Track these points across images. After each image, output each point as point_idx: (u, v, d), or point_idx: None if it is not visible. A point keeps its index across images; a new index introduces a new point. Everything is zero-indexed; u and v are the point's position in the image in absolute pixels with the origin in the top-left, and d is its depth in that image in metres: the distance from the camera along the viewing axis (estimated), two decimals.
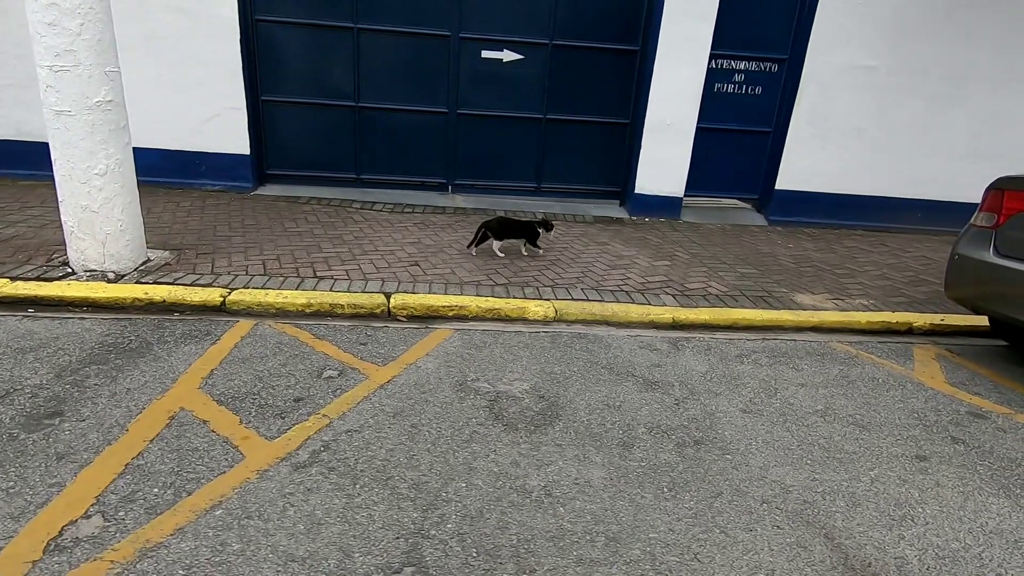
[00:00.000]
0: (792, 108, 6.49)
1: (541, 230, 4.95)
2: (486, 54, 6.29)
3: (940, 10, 6.28)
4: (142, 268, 3.93)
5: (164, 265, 4.03)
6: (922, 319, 4.29)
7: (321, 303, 3.68)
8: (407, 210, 6.10)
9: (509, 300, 3.95)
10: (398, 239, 5.09)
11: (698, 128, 6.45)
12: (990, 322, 4.05)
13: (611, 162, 6.83)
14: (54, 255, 3.99)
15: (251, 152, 6.16)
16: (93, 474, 2.15)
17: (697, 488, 2.37)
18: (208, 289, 3.69)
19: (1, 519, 1.92)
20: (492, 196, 6.71)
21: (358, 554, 1.90)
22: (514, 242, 4.93)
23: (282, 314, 3.63)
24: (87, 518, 1.95)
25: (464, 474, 2.32)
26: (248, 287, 3.79)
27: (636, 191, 6.61)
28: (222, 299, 3.61)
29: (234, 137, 6.06)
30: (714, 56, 6.31)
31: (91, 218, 3.65)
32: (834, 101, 6.48)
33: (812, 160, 6.67)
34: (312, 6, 5.97)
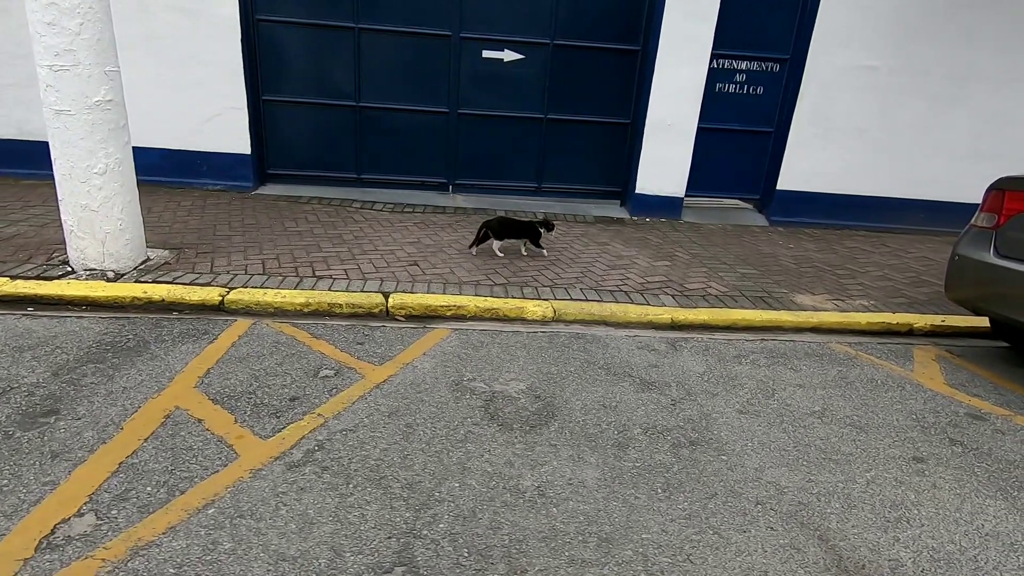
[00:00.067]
0: (793, 108, 6.47)
1: (542, 230, 4.95)
2: (487, 54, 6.29)
3: (942, 10, 6.25)
4: (141, 267, 3.94)
5: (163, 264, 4.04)
6: (922, 320, 4.27)
7: (319, 302, 3.68)
8: (407, 210, 6.11)
9: (507, 300, 3.95)
10: (398, 239, 5.09)
11: (699, 128, 6.44)
12: (991, 323, 4.03)
13: (612, 162, 6.82)
14: (54, 254, 4.00)
15: (252, 152, 6.18)
16: (87, 472, 2.16)
17: (691, 489, 2.36)
18: (207, 288, 3.70)
19: None
20: (493, 196, 6.71)
21: (349, 553, 1.90)
22: (514, 242, 4.92)
23: (280, 313, 3.63)
24: (80, 516, 1.95)
25: (458, 474, 2.32)
26: (247, 286, 3.80)
27: (637, 191, 6.60)
28: (220, 298, 3.62)
29: (235, 137, 6.08)
30: (715, 56, 6.30)
31: (91, 217, 3.66)
32: (836, 101, 6.46)
33: (813, 160, 6.64)
34: (313, 6, 5.98)
